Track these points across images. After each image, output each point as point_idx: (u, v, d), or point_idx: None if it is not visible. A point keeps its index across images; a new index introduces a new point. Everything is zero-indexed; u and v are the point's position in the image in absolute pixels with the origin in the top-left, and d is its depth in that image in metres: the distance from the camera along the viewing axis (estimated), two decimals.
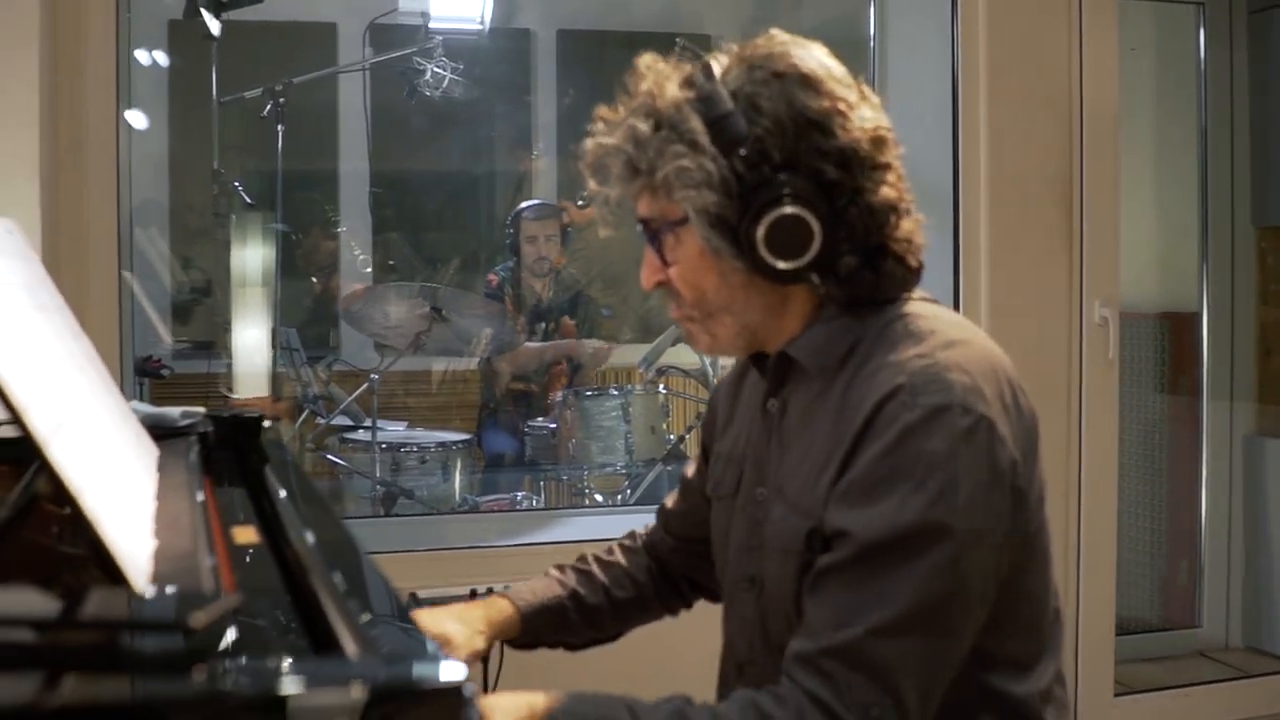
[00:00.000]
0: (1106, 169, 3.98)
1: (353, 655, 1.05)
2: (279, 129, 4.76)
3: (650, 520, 2.21)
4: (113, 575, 1.07)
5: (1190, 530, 4.86)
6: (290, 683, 0.97)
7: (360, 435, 4.97)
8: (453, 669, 1.02)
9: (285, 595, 1.27)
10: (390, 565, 2.38)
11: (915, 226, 1.69)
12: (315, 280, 6.58)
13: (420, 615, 1.93)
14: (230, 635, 1.02)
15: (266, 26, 6.09)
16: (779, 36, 1.69)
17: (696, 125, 1.60)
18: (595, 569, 2.11)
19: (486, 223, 7.47)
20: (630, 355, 5.72)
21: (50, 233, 3.05)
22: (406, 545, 3.89)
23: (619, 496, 4.94)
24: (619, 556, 2.15)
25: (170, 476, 1.64)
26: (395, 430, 5.28)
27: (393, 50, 5.52)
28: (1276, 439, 4.79)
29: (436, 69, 5.25)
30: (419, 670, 1.03)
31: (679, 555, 2.13)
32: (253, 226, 5.32)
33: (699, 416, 4.74)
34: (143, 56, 5.79)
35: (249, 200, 4.79)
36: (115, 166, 3.30)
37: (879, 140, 1.65)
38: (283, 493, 1.74)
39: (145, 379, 4.67)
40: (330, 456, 5.00)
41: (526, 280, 5.76)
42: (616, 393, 4.89)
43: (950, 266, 3.99)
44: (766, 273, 1.62)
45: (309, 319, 6.69)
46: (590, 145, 1.70)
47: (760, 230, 1.58)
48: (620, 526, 2.27)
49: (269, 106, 4.75)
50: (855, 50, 4.67)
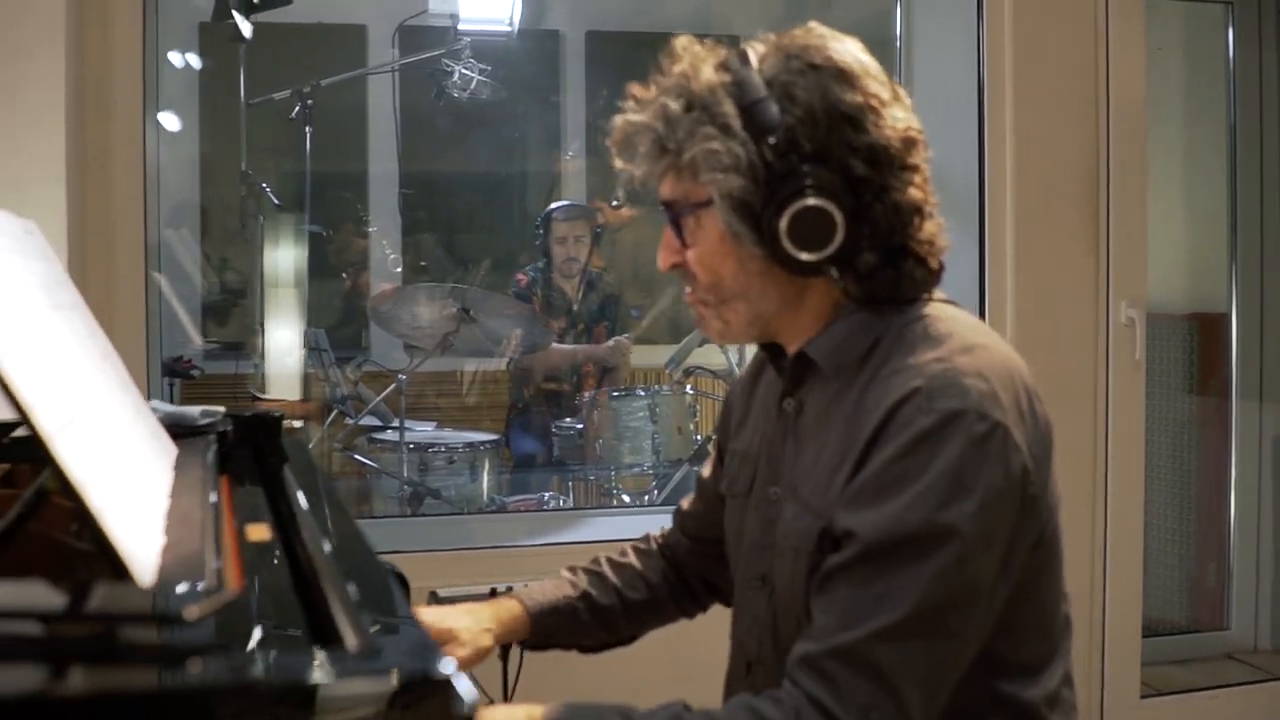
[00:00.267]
0: (1133, 169, 3.96)
1: (352, 649, 1.06)
2: (307, 130, 4.79)
3: (668, 522, 2.22)
4: (119, 570, 1.09)
5: (1219, 532, 4.83)
6: (321, 673, 0.99)
7: (388, 435, 4.99)
8: (448, 663, 1.03)
9: (291, 590, 1.28)
10: (416, 564, 2.40)
11: (938, 230, 1.69)
12: (345, 277, 6.61)
13: (427, 611, 1.95)
14: (235, 628, 1.04)
15: (297, 29, 6.13)
16: (817, 29, 1.69)
17: (729, 109, 1.60)
18: (607, 570, 2.11)
19: (519, 224, 7.48)
20: (658, 356, 5.72)
21: (77, 235, 3.08)
22: (434, 545, 3.90)
23: (646, 497, 4.95)
24: (632, 558, 2.15)
25: (186, 475, 1.65)
26: (423, 430, 5.29)
27: (422, 52, 5.55)
28: None
29: (464, 70, 5.27)
30: (434, 663, 1.05)
31: (695, 557, 2.13)
32: (285, 228, 5.36)
33: None
34: (175, 59, 5.83)
35: (276, 201, 4.81)
36: (142, 169, 3.32)
37: (909, 141, 1.65)
38: (299, 492, 1.76)
39: (175, 379, 4.70)
40: (358, 456, 5.02)
41: (556, 281, 5.77)
42: (644, 393, 4.90)
43: (976, 267, 3.97)
44: (786, 263, 1.62)
45: (340, 320, 6.73)
46: (619, 121, 1.70)
47: (784, 220, 1.58)
48: (644, 527, 2.27)
49: (297, 108, 4.79)
50: (884, 50, 4.68)
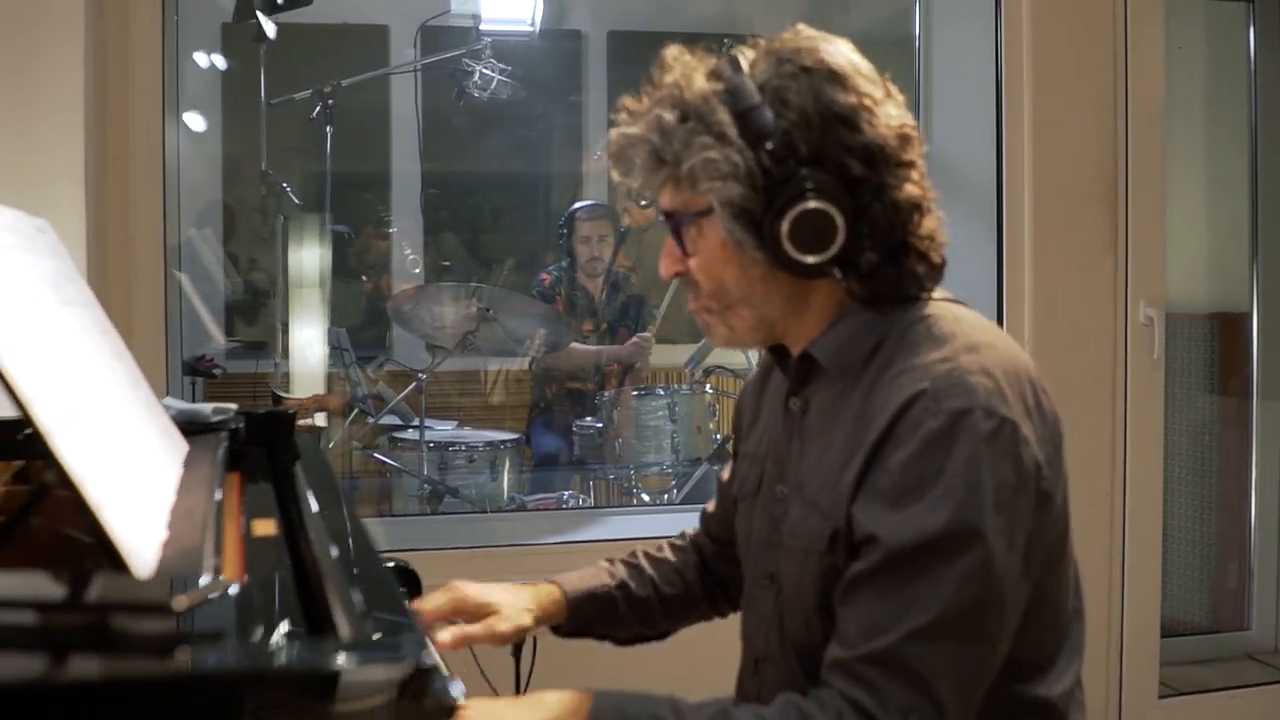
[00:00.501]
0: (1152, 168, 3.95)
1: (345, 638, 1.08)
2: (328, 130, 4.81)
3: (685, 521, 2.22)
4: (118, 563, 1.10)
5: (1240, 532, 4.81)
6: (344, 659, 1.02)
7: (409, 434, 5.01)
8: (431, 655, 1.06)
9: (292, 583, 1.30)
10: (433, 562, 2.42)
11: (937, 224, 1.70)
12: (366, 279, 6.63)
13: (469, 585, 1.95)
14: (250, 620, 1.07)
15: (320, 29, 6.15)
16: (806, 32, 1.70)
17: (724, 117, 1.60)
18: (644, 563, 2.12)
19: (542, 224, 7.50)
20: (677, 355, 5.73)
21: (96, 234, 3.10)
22: (452, 543, 3.92)
23: (665, 496, 4.96)
24: (669, 554, 2.16)
25: (195, 470, 1.67)
26: (444, 430, 5.31)
27: (445, 52, 5.56)
28: None
29: (485, 70, 5.28)
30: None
31: (719, 558, 2.14)
32: (309, 228, 5.37)
33: None
34: (201, 59, 5.86)
35: (297, 200, 4.83)
36: (161, 168, 3.34)
37: (904, 138, 1.65)
38: (309, 489, 1.78)
39: (198, 378, 4.73)
40: (378, 455, 5.05)
41: (580, 281, 5.77)
42: (663, 392, 4.91)
43: (994, 266, 3.97)
44: (789, 266, 1.62)
45: (364, 320, 6.75)
46: (614, 135, 1.71)
47: (784, 224, 1.59)
48: (661, 526, 2.28)
49: (318, 108, 4.80)
50: (905, 51, 4.68)
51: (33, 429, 1.08)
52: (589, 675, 2.21)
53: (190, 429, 1.99)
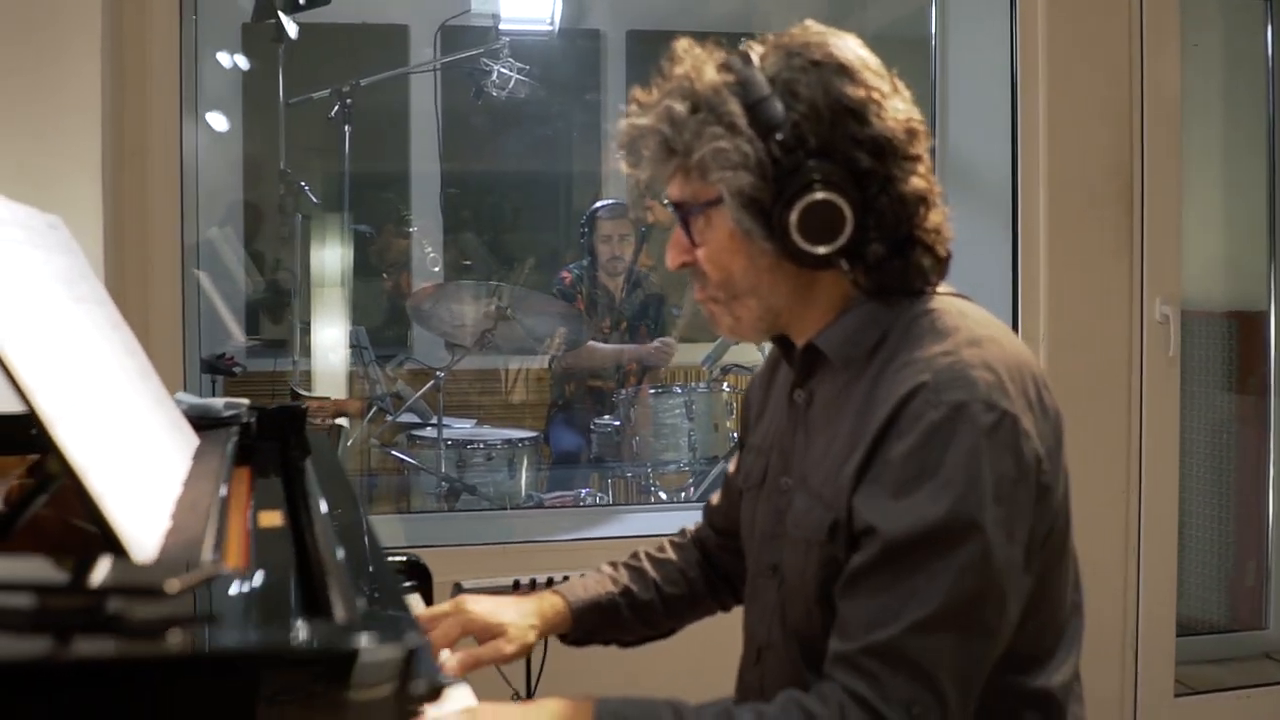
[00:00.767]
0: (1168, 166, 3.94)
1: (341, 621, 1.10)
2: (346, 130, 4.83)
3: (700, 518, 2.23)
4: (119, 551, 1.12)
5: (1258, 531, 4.79)
6: (362, 638, 1.05)
7: (428, 432, 5.03)
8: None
9: (294, 572, 1.32)
10: (450, 558, 2.43)
11: (943, 218, 1.71)
12: (386, 277, 6.65)
13: (479, 602, 1.96)
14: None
15: (339, 29, 6.18)
16: (814, 27, 1.71)
17: (735, 108, 1.62)
18: (647, 565, 2.12)
19: (563, 222, 7.52)
20: (694, 354, 5.74)
21: (113, 231, 3.12)
22: (469, 540, 3.94)
23: (683, 494, 4.97)
24: (670, 553, 2.16)
25: (204, 463, 1.69)
26: (462, 427, 5.33)
27: (464, 52, 5.58)
28: None
29: (503, 70, 5.29)
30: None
31: (724, 551, 2.15)
32: (330, 227, 5.39)
33: None
34: (224, 60, 5.90)
35: (315, 199, 4.85)
36: (178, 167, 3.37)
37: (911, 131, 1.67)
38: (318, 484, 1.80)
39: (218, 376, 4.75)
40: (396, 453, 5.07)
41: (601, 279, 5.79)
42: (680, 390, 4.92)
43: (1009, 264, 3.98)
44: (796, 256, 1.64)
45: (384, 318, 6.78)
46: (624, 126, 1.73)
47: (793, 214, 1.60)
48: (677, 523, 2.29)
49: (336, 107, 4.82)
50: (923, 49, 4.68)
51: (36, 420, 1.10)
52: (597, 669, 2.23)
53: (202, 423, 2.01)
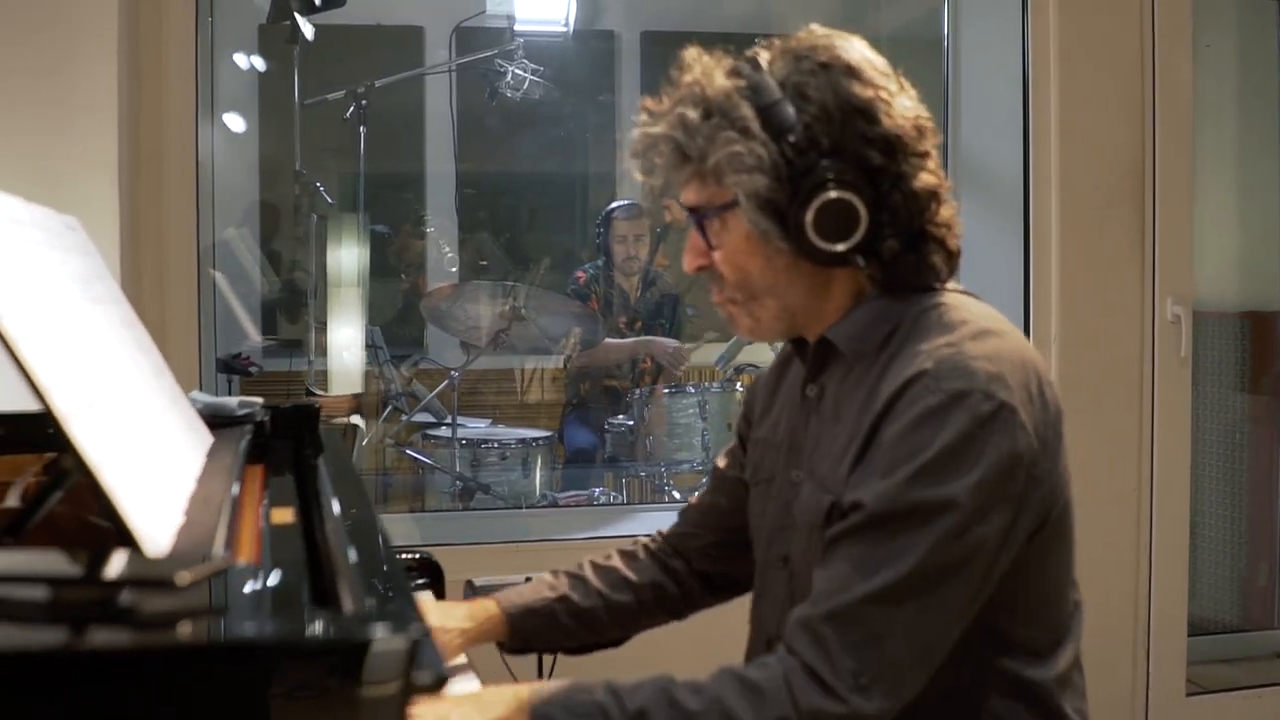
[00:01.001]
0: (1180, 166, 3.95)
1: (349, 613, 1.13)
2: (361, 130, 4.85)
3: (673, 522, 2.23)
4: (133, 545, 1.15)
5: (1270, 531, 4.79)
6: (369, 629, 1.08)
7: (443, 432, 5.04)
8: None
9: (304, 566, 1.34)
10: (464, 557, 2.45)
11: (953, 213, 1.75)
12: (403, 278, 6.68)
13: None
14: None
15: (355, 30, 6.21)
16: (819, 30, 1.75)
17: (747, 112, 1.65)
18: (589, 573, 2.12)
19: (579, 223, 7.54)
20: (708, 354, 5.75)
21: (130, 232, 3.15)
22: (484, 539, 3.96)
23: (695, 493, 4.96)
24: (616, 561, 2.15)
25: (217, 461, 1.71)
26: (477, 427, 5.35)
27: (479, 53, 5.60)
28: None
29: (517, 71, 5.31)
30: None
31: (710, 549, 2.14)
32: (348, 227, 5.42)
33: None
34: (241, 61, 5.92)
35: (330, 200, 4.88)
36: (194, 167, 3.40)
37: (920, 128, 1.70)
38: (329, 482, 1.82)
39: (234, 376, 4.77)
40: (410, 452, 5.09)
41: (616, 279, 5.80)
42: (693, 390, 4.93)
43: (1021, 264, 3.99)
44: (813, 255, 1.67)
45: (400, 318, 6.80)
46: (637, 135, 1.76)
47: (809, 213, 1.63)
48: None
49: (351, 108, 4.85)
50: (937, 50, 4.69)
51: (51, 417, 1.13)
52: (605, 664, 2.24)
53: (216, 422, 2.04)
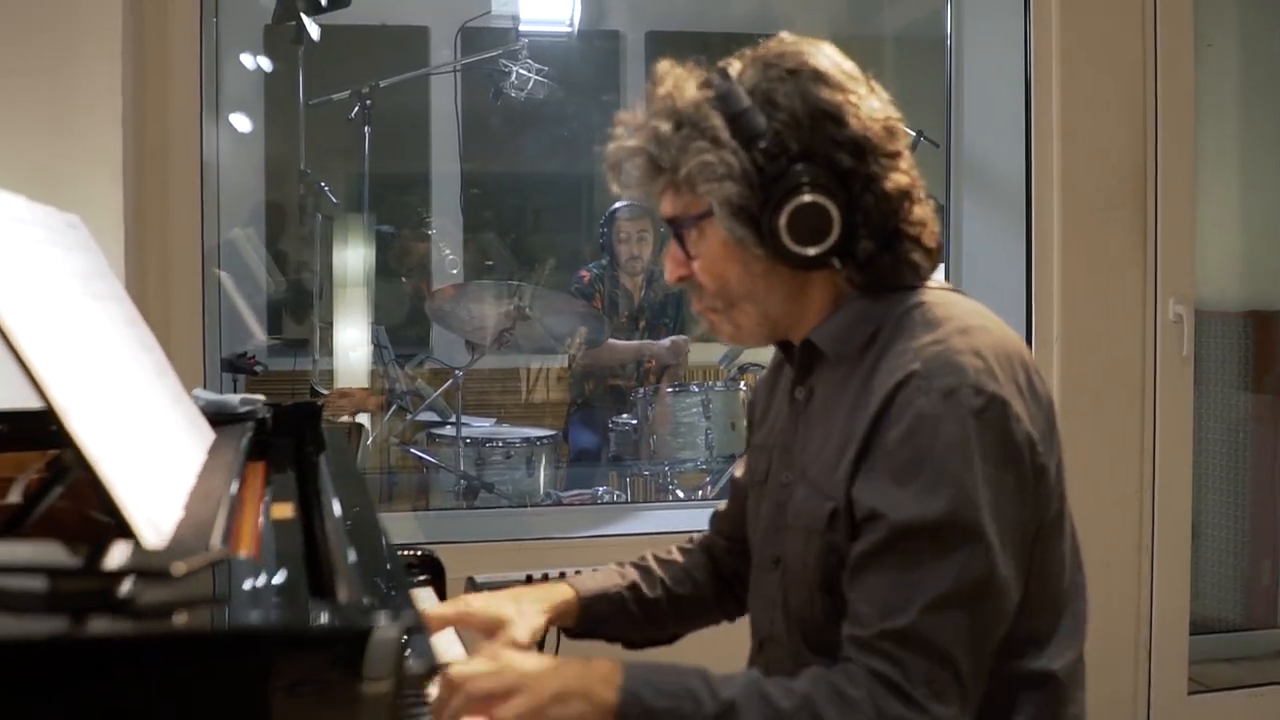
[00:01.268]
0: (1182, 166, 3.96)
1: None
2: (366, 131, 4.87)
3: (699, 512, 2.26)
4: (131, 538, 1.16)
5: (1273, 530, 4.79)
6: (377, 617, 1.10)
7: (447, 431, 5.06)
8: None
9: (302, 560, 1.36)
10: (468, 555, 2.46)
11: (928, 211, 1.76)
12: (405, 280, 6.69)
13: (477, 598, 1.99)
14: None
15: (361, 31, 6.22)
16: (789, 38, 1.77)
17: (717, 122, 1.67)
18: (654, 565, 2.15)
19: (585, 223, 7.54)
20: (712, 353, 5.76)
21: (134, 232, 3.17)
22: (484, 537, 3.98)
23: (700, 492, 4.98)
24: (677, 556, 2.19)
25: (218, 457, 1.73)
26: (481, 426, 5.36)
27: (485, 53, 5.61)
28: None
29: (522, 71, 5.32)
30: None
31: (731, 556, 2.17)
32: (353, 227, 5.43)
33: None
34: (247, 61, 5.94)
35: (334, 200, 4.89)
36: (198, 166, 3.41)
37: (890, 130, 1.72)
38: (330, 478, 1.84)
39: (239, 375, 4.79)
40: (414, 450, 5.10)
41: (620, 278, 5.81)
42: (697, 389, 4.94)
43: (1023, 264, 4.00)
44: (788, 259, 1.69)
45: (405, 318, 6.81)
46: (611, 148, 1.80)
47: (782, 218, 1.65)
48: (695, 520, 2.31)
49: (356, 109, 4.86)
50: (941, 51, 4.69)
51: (50, 410, 1.14)
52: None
53: (219, 419, 2.05)
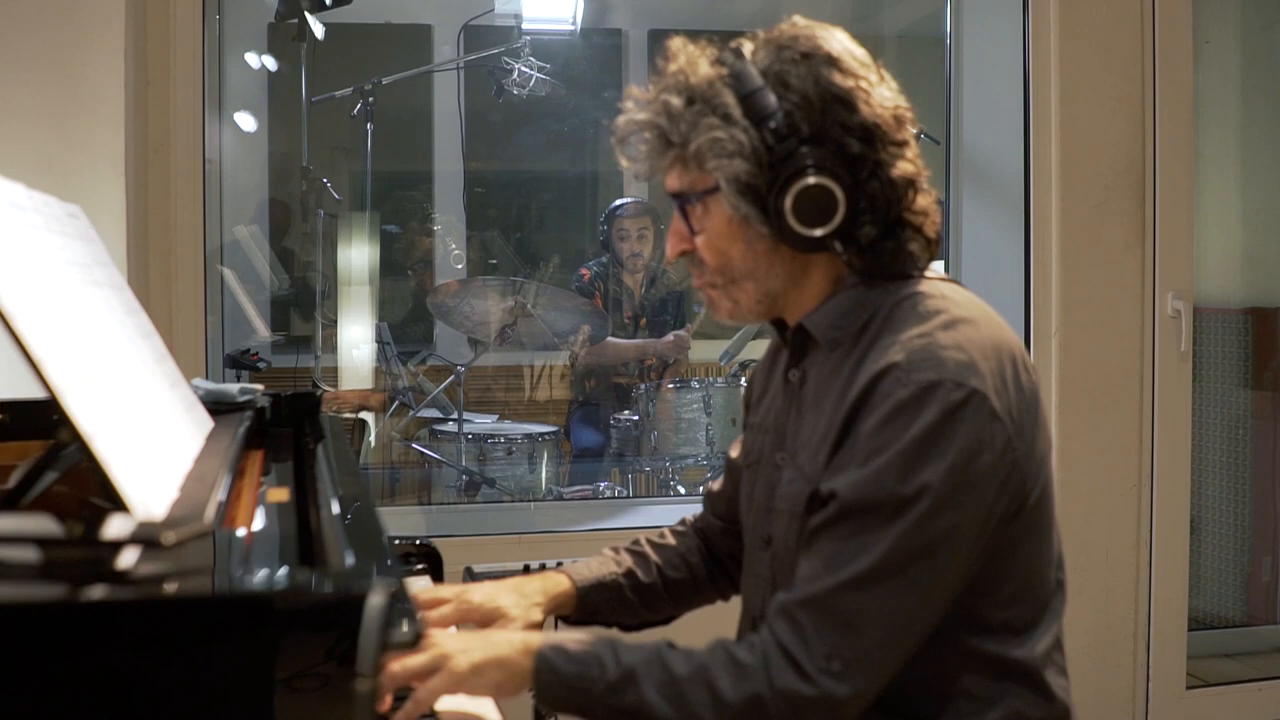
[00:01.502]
0: (1180, 162, 3.98)
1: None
2: (368, 128, 4.90)
3: (699, 508, 2.29)
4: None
5: (1274, 526, 4.81)
6: (373, 583, 1.14)
7: (450, 427, 5.07)
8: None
9: (295, 537, 1.39)
10: (466, 547, 2.49)
11: (931, 201, 1.79)
12: (410, 275, 6.71)
13: (477, 589, 2.01)
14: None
15: (364, 29, 6.25)
16: (802, 22, 1.79)
17: (729, 99, 1.70)
18: (648, 550, 2.18)
19: (589, 221, 7.56)
20: (712, 349, 5.77)
21: (137, 226, 3.19)
22: (485, 530, 4.01)
23: (700, 488, 4.99)
24: (670, 539, 2.21)
25: (215, 442, 1.75)
26: (483, 422, 5.38)
27: (488, 52, 5.63)
28: None
29: (523, 69, 5.34)
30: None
31: (725, 536, 2.20)
32: (357, 225, 5.45)
33: None
34: (253, 60, 5.96)
35: (337, 196, 4.92)
36: (201, 163, 3.43)
37: (899, 118, 1.74)
38: (326, 465, 1.87)
39: (242, 371, 4.81)
40: (416, 446, 5.12)
41: (620, 276, 5.83)
42: (698, 385, 4.96)
43: (1022, 260, 4.01)
44: (792, 240, 1.71)
45: (408, 315, 6.83)
46: (622, 121, 1.80)
47: (788, 199, 1.68)
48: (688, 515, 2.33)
49: (358, 106, 4.89)
50: (937, 49, 4.71)
51: (46, 388, 1.16)
52: None
53: (217, 409, 2.08)
